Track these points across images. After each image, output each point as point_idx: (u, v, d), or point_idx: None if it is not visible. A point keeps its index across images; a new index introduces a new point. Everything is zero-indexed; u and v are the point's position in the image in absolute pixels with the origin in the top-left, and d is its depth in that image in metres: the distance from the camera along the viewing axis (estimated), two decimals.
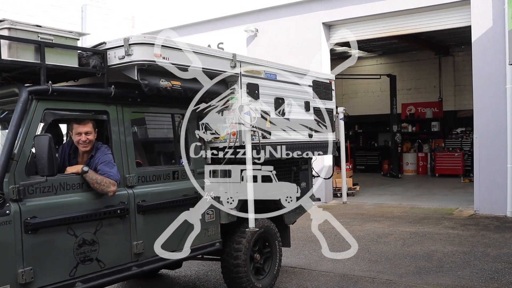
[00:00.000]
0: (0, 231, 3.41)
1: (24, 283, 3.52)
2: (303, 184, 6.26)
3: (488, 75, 10.66)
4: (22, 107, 3.68)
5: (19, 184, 3.57)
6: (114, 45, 4.32)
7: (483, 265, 6.63)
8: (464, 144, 19.13)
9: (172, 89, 4.52)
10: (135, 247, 4.31)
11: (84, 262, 3.93)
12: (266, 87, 5.50)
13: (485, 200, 10.67)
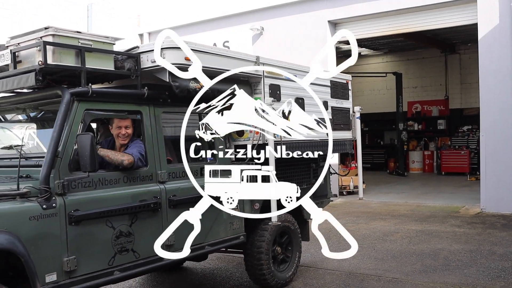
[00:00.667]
0: (47, 223, 3.70)
1: (68, 270, 3.80)
2: (325, 181, 6.57)
3: (495, 72, 10.62)
4: (65, 108, 3.96)
5: (64, 179, 3.86)
6: (146, 49, 4.62)
7: (490, 264, 6.61)
8: (470, 142, 19.05)
9: (200, 90, 4.64)
10: (167, 239, 4.46)
11: (121, 252, 4.21)
12: (287, 88, 5.67)
13: (492, 198, 10.64)
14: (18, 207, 3.62)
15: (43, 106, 4.67)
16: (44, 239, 3.70)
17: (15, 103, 4.79)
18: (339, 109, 6.87)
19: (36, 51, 4.01)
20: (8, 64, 4.24)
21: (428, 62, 21.16)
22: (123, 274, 4.23)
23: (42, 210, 3.69)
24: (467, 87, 20.38)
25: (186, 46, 4.39)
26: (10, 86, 4.20)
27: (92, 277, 3.99)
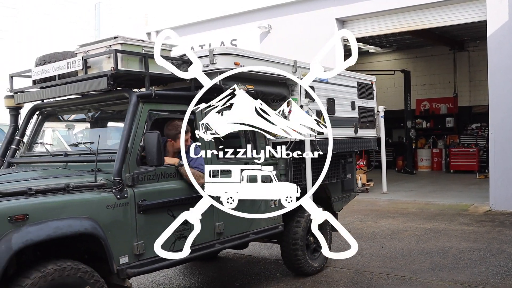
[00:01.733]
0: (121, 211, 4.15)
1: (138, 254, 4.24)
2: (348, 176, 7.03)
3: (504, 70, 10.55)
4: (133, 109, 4.39)
5: (133, 172, 4.30)
6: (199, 55, 4.92)
7: (499, 262, 6.58)
8: (479, 140, 18.95)
9: (247, 92, 5.02)
10: (217, 227, 4.98)
11: (180, 238, 4.59)
12: (320, 89, 6.13)
13: (501, 196, 10.58)
14: (97, 197, 4.05)
15: (107, 107, 5.09)
16: (118, 226, 4.13)
17: (79, 104, 5.19)
18: (365, 108, 7.30)
19: (105, 58, 4.42)
20: (77, 69, 4.63)
21: (437, 60, 21.07)
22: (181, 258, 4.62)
23: (116, 200, 4.13)
24: (476, 85, 20.28)
25: (185, 45, 4.64)
26: (81, 89, 4.60)
27: (157, 260, 4.38)
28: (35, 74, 5.05)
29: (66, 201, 3.84)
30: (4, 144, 5.35)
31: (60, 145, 5.90)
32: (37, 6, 14.74)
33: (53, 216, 3.71)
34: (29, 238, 3.51)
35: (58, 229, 3.70)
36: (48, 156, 5.05)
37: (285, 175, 5.83)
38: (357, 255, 7.07)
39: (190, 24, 16.32)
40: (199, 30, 16.12)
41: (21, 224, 3.50)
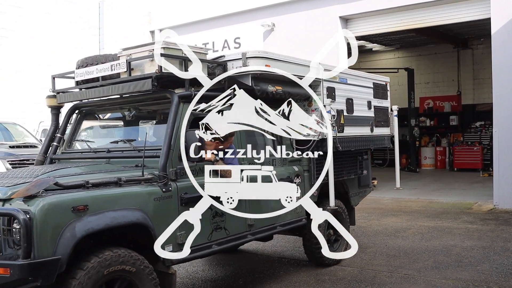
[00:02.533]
0: (166, 203, 4.46)
1: (180, 243, 4.49)
2: (364, 172, 7.41)
3: (508, 68, 10.53)
4: (175, 109, 4.71)
5: (176, 167, 4.59)
6: (232, 58, 5.35)
7: (503, 260, 6.57)
8: (483, 138, 18.93)
9: (276, 92, 5.49)
10: (249, 219, 5.23)
11: (216, 229, 4.93)
12: (340, 90, 6.50)
13: (505, 194, 10.56)
14: (146, 190, 4.36)
15: (146, 106, 5.44)
16: (163, 217, 4.41)
17: (118, 104, 5.50)
18: (380, 108, 7.57)
19: (148, 60, 4.75)
20: (120, 71, 4.93)
21: (440, 58, 21.02)
22: (219, 248, 4.98)
23: (162, 193, 4.44)
24: (480, 83, 20.23)
25: (186, 46, 4.84)
26: (126, 90, 4.89)
27: (197, 249, 4.69)
28: (78, 76, 5.30)
29: (119, 194, 4.17)
30: (46, 142, 5.65)
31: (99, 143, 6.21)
32: (38, 6, 14.76)
33: (109, 207, 4.03)
34: (90, 227, 3.82)
35: (115, 219, 4.02)
36: (91, 153, 5.36)
37: (308, 171, 6.17)
38: (361, 253, 7.09)
39: (193, 22, 16.32)
40: (202, 28, 16.11)
41: (82, 214, 3.80)
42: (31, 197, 3.68)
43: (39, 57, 14.75)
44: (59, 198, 3.76)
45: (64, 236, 3.66)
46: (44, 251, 3.57)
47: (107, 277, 3.89)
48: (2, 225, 3.73)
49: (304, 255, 7.12)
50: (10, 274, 3.50)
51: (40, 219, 3.57)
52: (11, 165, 8.13)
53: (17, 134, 9.50)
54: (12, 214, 3.57)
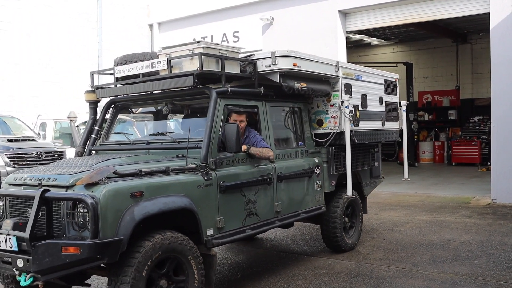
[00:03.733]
0: (207, 191, 4.80)
1: (219, 227, 4.90)
2: (376, 163, 7.85)
3: (507, 62, 10.52)
4: (214, 104, 5.03)
5: (215, 158, 4.96)
6: (262, 56, 5.72)
7: (500, 254, 6.59)
8: (481, 132, 18.93)
9: (301, 89, 5.90)
10: (276, 206, 5.70)
11: (249, 215, 5.31)
12: (356, 86, 6.92)
13: (503, 189, 10.58)
14: (191, 178, 4.70)
15: (183, 101, 5.80)
16: (205, 203, 4.77)
17: (155, 99, 5.81)
18: (390, 103, 7.99)
19: (188, 59, 5.05)
20: (160, 69, 5.21)
21: (439, 52, 21.01)
22: (251, 232, 5.37)
23: (204, 181, 4.77)
24: (479, 77, 20.23)
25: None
26: (167, 86, 5.17)
27: (234, 233, 5.09)
28: (118, 72, 5.59)
29: (169, 181, 4.49)
30: (85, 134, 5.97)
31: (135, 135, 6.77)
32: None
33: (160, 193, 4.36)
34: (146, 211, 4.17)
35: (166, 204, 4.36)
36: (130, 144, 5.69)
37: (327, 162, 6.59)
38: (358, 247, 7.12)
39: (192, 16, 16.29)
40: (201, 22, 16.08)
41: (139, 200, 4.15)
42: (93, 184, 4.00)
43: (38, 50, 14.71)
44: (120, 184, 4.09)
45: (125, 219, 4.01)
46: (108, 232, 3.91)
47: (160, 257, 4.22)
48: (67, 209, 4.04)
49: (302, 249, 7.15)
50: (80, 253, 3.81)
51: (104, 204, 3.90)
52: (9, 158, 8.12)
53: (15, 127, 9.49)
54: (81, 198, 3.87)
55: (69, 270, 3.96)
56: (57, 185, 4.17)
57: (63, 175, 4.26)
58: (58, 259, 3.83)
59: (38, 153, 8.29)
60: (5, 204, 4.51)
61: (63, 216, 4.07)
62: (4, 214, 4.51)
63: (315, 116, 6.72)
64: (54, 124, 10.81)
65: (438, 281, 5.56)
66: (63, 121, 10.67)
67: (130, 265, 4.01)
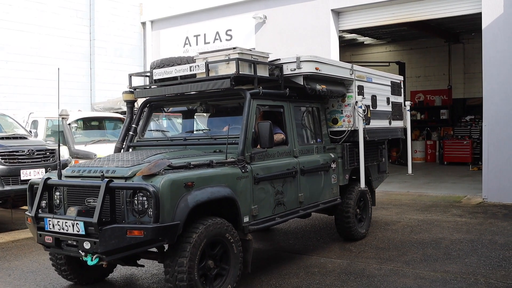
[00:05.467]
0: (245, 182, 5.32)
1: (254, 215, 5.44)
2: (383, 159, 8.52)
3: (498, 62, 10.58)
4: (248, 104, 5.53)
5: (250, 152, 5.49)
6: (287, 61, 6.22)
7: (491, 253, 6.63)
8: (473, 132, 19.02)
9: (322, 90, 6.43)
10: (300, 197, 6.25)
11: (278, 205, 5.86)
12: (367, 88, 7.49)
13: (494, 188, 10.65)
14: (231, 170, 5.21)
15: (228, 100, 6.16)
16: (243, 193, 5.29)
17: (191, 99, 6.32)
18: (396, 103, 8.58)
19: (224, 63, 5.57)
20: (198, 72, 5.69)
21: (432, 52, 21.08)
22: (280, 220, 5.91)
23: (242, 173, 5.29)
24: (471, 77, 20.32)
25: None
26: (205, 87, 5.61)
27: (265, 221, 5.65)
28: (157, 75, 6.07)
29: (214, 173, 4.99)
30: (123, 131, 6.46)
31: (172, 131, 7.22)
32: None
33: (207, 184, 4.86)
34: (198, 199, 4.68)
35: (213, 194, 4.87)
36: (167, 140, 6.26)
37: (341, 158, 7.14)
38: (350, 246, 7.14)
39: (185, 14, 16.26)
40: (194, 20, 16.06)
41: (191, 189, 4.65)
42: (150, 176, 4.48)
43: (29, 47, 14.62)
44: (175, 176, 4.58)
45: (180, 206, 4.50)
46: (167, 217, 4.39)
47: (210, 240, 4.75)
48: (127, 198, 4.51)
49: (294, 248, 7.16)
50: (144, 235, 4.30)
51: (163, 192, 4.38)
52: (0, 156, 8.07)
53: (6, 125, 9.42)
54: (145, 187, 4.34)
55: (132, 251, 4.53)
56: (116, 176, 4.62)
57: (122, 167, 4.72)
58: (123, 241, 4.36)
59: (30, 151, 8.24)
60: (63, 194, 4.98)
61: (122, 204, 4.53)
62: (62, 203, 4.98)
63: (331, 115, 7.25)
64: (46, 122, 10.75)
65: (429, 280, 5.59)
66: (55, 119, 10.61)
67: (189, 242, 4.53)
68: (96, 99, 15.81)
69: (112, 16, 16.49)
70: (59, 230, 4.66)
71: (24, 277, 6.04)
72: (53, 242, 4.72)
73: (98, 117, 11.33)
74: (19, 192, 8.12)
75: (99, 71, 16.11)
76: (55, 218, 4.70)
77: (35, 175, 8.20)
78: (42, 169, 8.33)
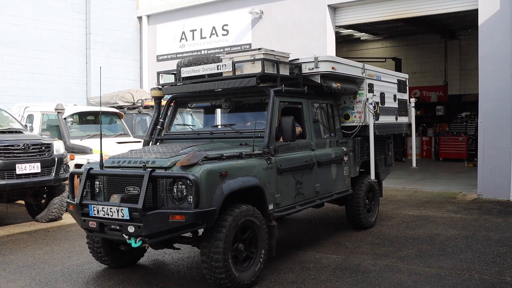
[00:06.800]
0: (270, 173, 5.72)
1: (277, 203, 5.86)
2: (390, 153, 9.02)
3: (494, 59, 10.59)
4: (272, 101, 5.94)
5: (274, 145, 5.90)
6: (305, 60, 6.68)
7: (485, 249, 6.66)
8: (468, 128, 19.06)
9: (337, 88, 6.89)
10: (316, 187, 6.68)
11: (297, 194, 6.28)
12: (377, 86, 7.95)
13: (489, 184, 10.68)
14: (258, 162, 5.62)
15: (252, 97, 6.48)
16: (268, 182, 5.69)
17: (216, 95, 6.65)
18: (402, 100, 9.04)
19: (250, 63, 5.96)
20: (224, 71, 6.10)
21: (428, 48, 21.10)
22: (300, 208, 6.33)
23: (267, 165, 5.69)
24: (467, 73, 20.35)
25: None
26: (231, 85, 6.01)
27: (287, 208, 6.07)
28: (185, 73, 6.43)
29: (244, 164, 5.40)
30: (151, 126, 6.82)
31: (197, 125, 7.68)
32: None
33: (238, 174, 5.25)
34: (231, 188, 5.07)
35: (244, 183, 5.28)
36: (194, 134, 6.68)
37: (353, 151, 7.62)
38: (345, 241, 7.15)
39: (181, 9, 16.21)
40: (190, 15, 16.01)
41: (225, 178, 5.03)
42: (189, 166, 4.86)
43: (25, 41, 14.55)
44: (211, 166, 4.97)
45: (216, 193, 4.89)
46: (205, 204, 4.77)
47: (242, 224, 5.16)
48: (167, 186, 4.88)
49: (289, 243, 7.16)
50: (185, 220, 4.70)
51: (202, 180, 4.76)
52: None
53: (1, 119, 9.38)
54: (186, 176, 4.73)
55: (173, 234, 4.95)
56: (156, 167, 5.00)
57: (162, 158, 5.13)
58: (166, 225, 4.76)
59: (25, 145, 8.20)
60: (102, 183, 5.34)
61: (162, 191, 4.91)
62: (101, 191, 5.35)
63: (342, 111, 7.72)
64: (41, 116, 10.70)
65: (424, 276, 5.61)
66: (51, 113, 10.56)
67: (224, 226, 4.93)
68: (92, 94, 15.77)
69: (108, 10, 16.42)
70: (103, 216, 5.04)
71: (19, 272, 6.03)
72: (97, 226, 5.11)
73: (94, 112, 11.29)
74: (15, 187, 8.09)
75: (95, 65, 16.05)
76: (99, 205, 5.08)
77: (30, 170, 8.18)
78: (37, 163, 8.30)
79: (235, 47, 14.78)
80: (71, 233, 8.09)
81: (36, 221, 9.06)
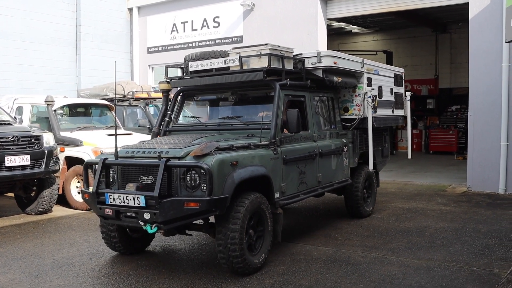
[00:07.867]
0: (276, 163, 5.97)
1: (283, 192, 6.12)
2: (386, 145, 9.26)
3: (485, 53, 10.64)
4: (278, 94, 6.18)
5: (280, 136, 6.17)
6: (308, 55, 6.96)
7: (474, 241, 6.72)
8: (458, 121, 19.16)
9: (338, 82, 7.18)
10: (318, 177, 6.95)
11: (301, 183, 6.55)
12: (375, 79, 8.24)
13: (478, 177, 10.76)
14: (266, 152, 5.86)
15: (258, 90, 6.72)
16: (275, 172, 5.94)
17: (223, 89, 6.88)
18: (398, 93, 9.33)
19: (257, 58, 6.20)
20: (231, 65, 6.31)
21: (419, 41, 21.13)
22: (303, 197, 6.65)
23: (273, 155, 5.94)
24: (457, 67, 20.42)
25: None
26: (239, 79, 6.21)
27: (292, 197, 6.34)
28: (193, 67, 6.63)
29: (253, 154, 5.63)
30: (160, 118, 7.05)
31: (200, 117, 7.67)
32: None
33: (248, 163, 5.48)
34: (242, 176, 5.31)
35: (253, 172, 5.51)
36: (201, 126, 6.87)
37: (352, 143, 7.89)
38: (336, 234, 7.19)
39: (172, 1, 16.10)
40: (181, 6, 15.91)
41: (236, 168, 5.27)
42: (201, 156, 5.10)
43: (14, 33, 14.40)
44: (223, 156, 5.21)
45: (228, 182, 5.13)
46: (217, 191, 5.01)
47: (253, 211, 5.43)
48: (180, 175, 5.12)
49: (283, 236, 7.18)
50: (199, 207, 4.93)
51: (214, 169, 4.99)
52: None
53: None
54: (200, 165, 4.97)
55: (188, 220, 5.20)
56: (170, 157, 5.21)
57: (175, 149, 5.33)
58: (181, 212, 4.99)
59: (15, 138, 8.14)
60: (117, 172, 5.56)
61: (176, 180, 5.14)
62: (115, 180, 5.57)
63: (342, 104, 7.99)
64: (31, 108, 10.62)
65: (413, 267, 5.65)
66: (40, 105, 10.48)
67: (239, 211, 5.23)
68: (82, 86, 15.65)
69: (98, 1, 16.29)
70: (120, 204, 5.24)
71: (8, 264, 6.00)
72: (113, 214, 5.33)
73: (84, 104, 11.21)
74: (4, 179, 8.04)
75: (85, 57, 15.93)
76: (116, 193, 5.29)
77: (20, 162, 8.13)
78: (27, 155, 8.25)
79: (226, 39, 14.73)
80: (61, 225, 8.06)
81: (25, 213, 9.02)
